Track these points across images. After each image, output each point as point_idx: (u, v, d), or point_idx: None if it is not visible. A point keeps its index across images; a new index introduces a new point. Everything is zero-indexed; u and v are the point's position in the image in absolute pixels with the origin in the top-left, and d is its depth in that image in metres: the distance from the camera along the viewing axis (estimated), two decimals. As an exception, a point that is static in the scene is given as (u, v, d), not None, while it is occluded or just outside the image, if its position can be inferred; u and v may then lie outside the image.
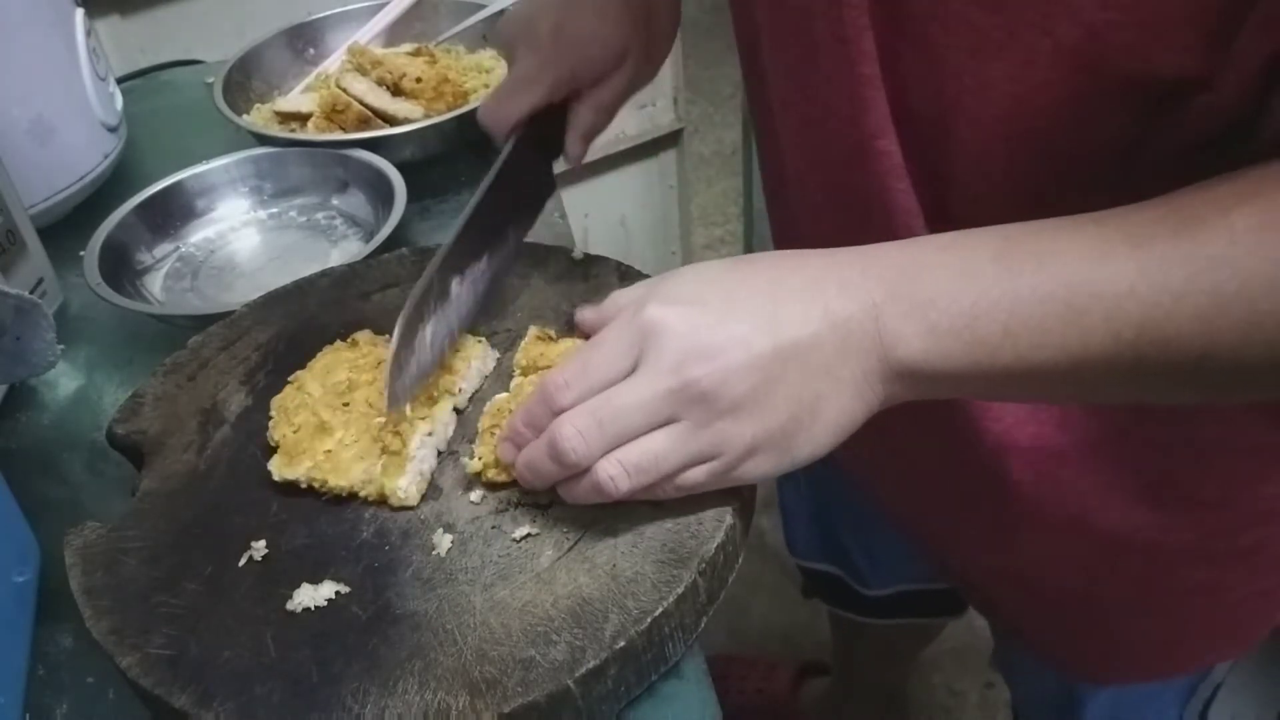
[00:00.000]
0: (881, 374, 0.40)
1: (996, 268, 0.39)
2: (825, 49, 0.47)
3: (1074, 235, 0.39)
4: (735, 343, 0.40)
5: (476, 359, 0.54)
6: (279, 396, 0.53)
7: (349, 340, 0.56)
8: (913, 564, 0.88)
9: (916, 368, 0.40)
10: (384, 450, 0.48)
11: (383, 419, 0.50)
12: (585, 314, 0.52)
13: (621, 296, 0.49)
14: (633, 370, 0.42)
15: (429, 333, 0.51)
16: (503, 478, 0.47)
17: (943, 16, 0.42)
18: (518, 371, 0.53)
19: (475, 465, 0.47)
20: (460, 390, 0.53)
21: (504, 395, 0.51)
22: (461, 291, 0.53)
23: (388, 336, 0.56)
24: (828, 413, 0.41)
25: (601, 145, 1.54)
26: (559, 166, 0.63)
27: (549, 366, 0.52)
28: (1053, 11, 0.39)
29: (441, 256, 0.52)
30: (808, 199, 0.56)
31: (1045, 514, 0.57)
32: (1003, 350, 0.39)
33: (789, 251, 0.44)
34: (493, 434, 0.48)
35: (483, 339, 0.55)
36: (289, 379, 0.54)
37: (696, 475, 0.42)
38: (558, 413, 0.43)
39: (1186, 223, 0.37)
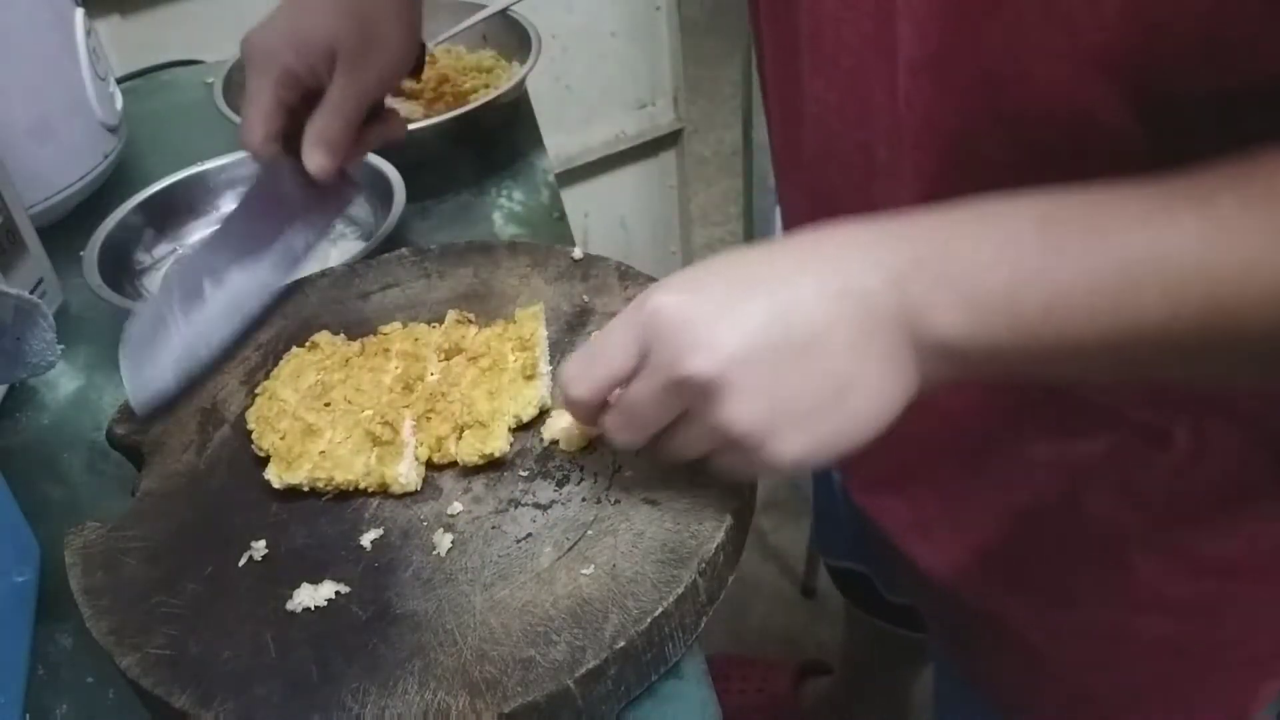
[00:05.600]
0: (914, 350, 0.38)
1: (1039, 235, 0.36)
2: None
3: (1129, 199, 0.36)
4: (737, 331, 0.38)
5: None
6: (252, 410, 0.53)
7: (307, 344, 0.56)
8: None
9: (951, 343, 0.37)
10: (375, 442, 0.49)
11: (370, 411, 0.50)
12: None
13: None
14: (640, 362, 0.41)
15: (174, 333, 0.55)
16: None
17: None
18: (441, 355, 0.54)
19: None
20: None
21: (435, 378, 0.53)
22: (216, 294, 0.57)
23: (343, 336, 0.57)
24: (858, 394, 0.38)
25: (601, 145, 1.54)
26: (530, 169, 0.61)
27: (467, 350, 0.54)
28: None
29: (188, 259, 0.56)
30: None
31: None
32: (1046, 327, 0.36)
33: (810, 232, 0.41)
34: (429, 419, 0.50)
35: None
36: (256, 391, 0.54)
37: (728, 459, 0.41)
38: (574, 403, 0.43)
39: (1260, 184, 0.34)
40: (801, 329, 0.38)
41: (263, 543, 0.46)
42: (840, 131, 0.48)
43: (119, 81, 0.88)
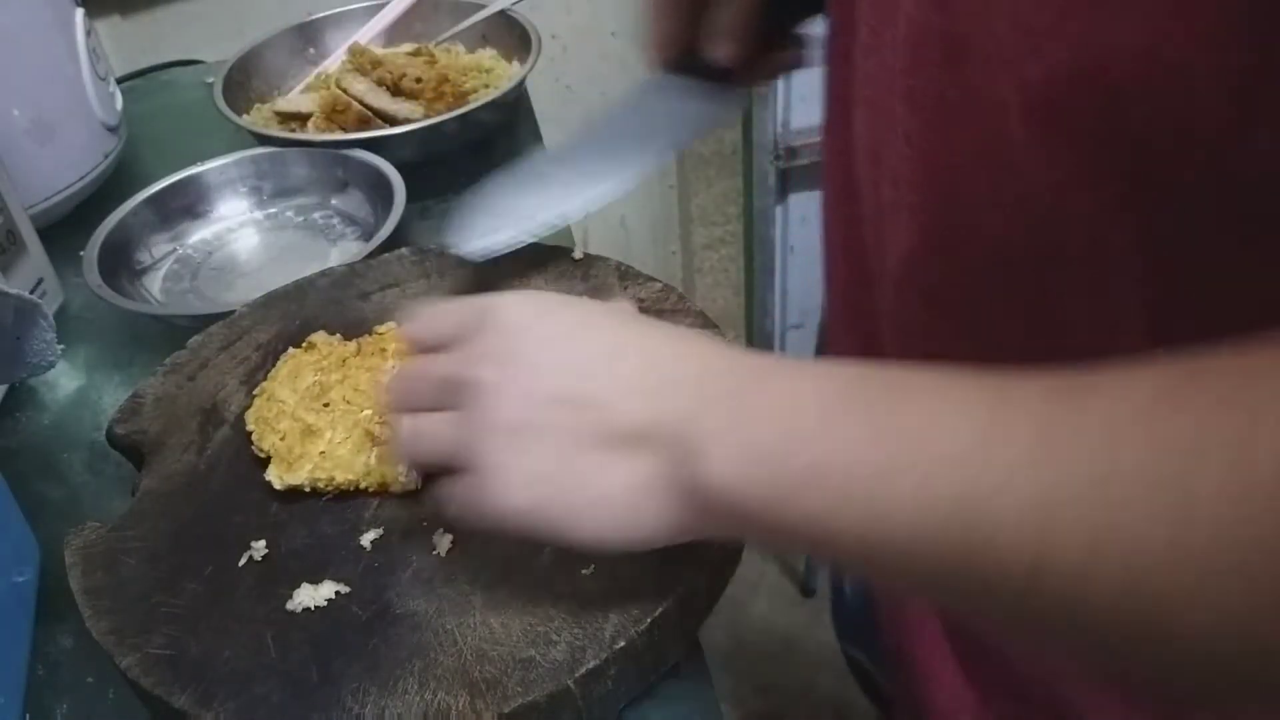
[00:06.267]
0: (679, 483, 0.35)
1: (838, 400, 0.33)
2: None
3: (938, 382, 0.31)
4: (536, 369, 0.38)
5: None
6: (251, 411, 0.53)
7: (304, 345, 0.56)
8: None
9: (714, 489, 0.34)
10: (375, 441, 0.49)
11: (369, 411, 0.50)
12: None
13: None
14: (455, 341, 0.41)
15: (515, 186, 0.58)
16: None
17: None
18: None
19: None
20: None
21: None
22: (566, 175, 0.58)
23: (339, 336, 0.57)
24: (601, 483, 0.36)
25: (601, 145, 1.54)
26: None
27: None
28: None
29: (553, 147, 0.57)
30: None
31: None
32: (806, 495, 0.32)
33: (697, 337, 0.40)
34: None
35: None
36: (254, 392, 0.54)
37: (457, 486, 0.40)
38: (406, 340, 0.45)
39: (1081, 385, 0.27)
40: (589, 402, 0.37)
41: (263, 543, 0.46)
42: (863, 165, 0.46)
43: (119, 81, 0.88)
